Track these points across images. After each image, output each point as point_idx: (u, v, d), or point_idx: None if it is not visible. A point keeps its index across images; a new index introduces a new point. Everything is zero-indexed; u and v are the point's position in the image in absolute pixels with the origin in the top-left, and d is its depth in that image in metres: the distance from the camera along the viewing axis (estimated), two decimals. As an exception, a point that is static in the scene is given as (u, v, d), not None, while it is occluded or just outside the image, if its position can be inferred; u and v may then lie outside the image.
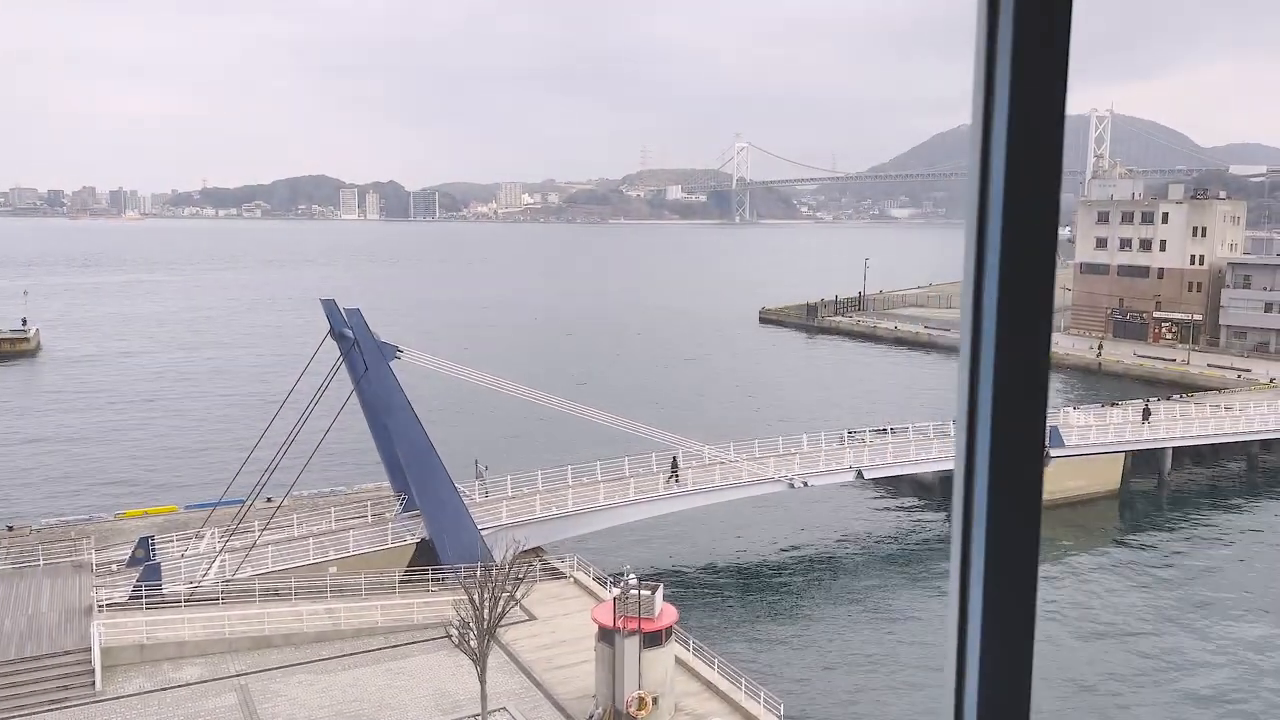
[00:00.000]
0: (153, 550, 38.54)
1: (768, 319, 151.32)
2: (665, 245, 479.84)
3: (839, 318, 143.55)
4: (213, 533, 40.45)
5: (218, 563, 37.91)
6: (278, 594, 36.91)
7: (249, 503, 40.15)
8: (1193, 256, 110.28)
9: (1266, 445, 67.58)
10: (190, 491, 55.04)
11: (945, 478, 59.05)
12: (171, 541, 40.43)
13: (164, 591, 36.21)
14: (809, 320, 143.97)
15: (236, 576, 37.40)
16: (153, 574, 36.49)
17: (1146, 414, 64.44)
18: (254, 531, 39.59)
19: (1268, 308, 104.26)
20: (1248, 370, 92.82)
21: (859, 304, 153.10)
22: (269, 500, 42.17)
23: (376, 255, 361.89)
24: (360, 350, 40.11)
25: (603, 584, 38.29)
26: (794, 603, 43.21)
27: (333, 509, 43.91)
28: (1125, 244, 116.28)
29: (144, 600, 35.26)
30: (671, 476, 48.00)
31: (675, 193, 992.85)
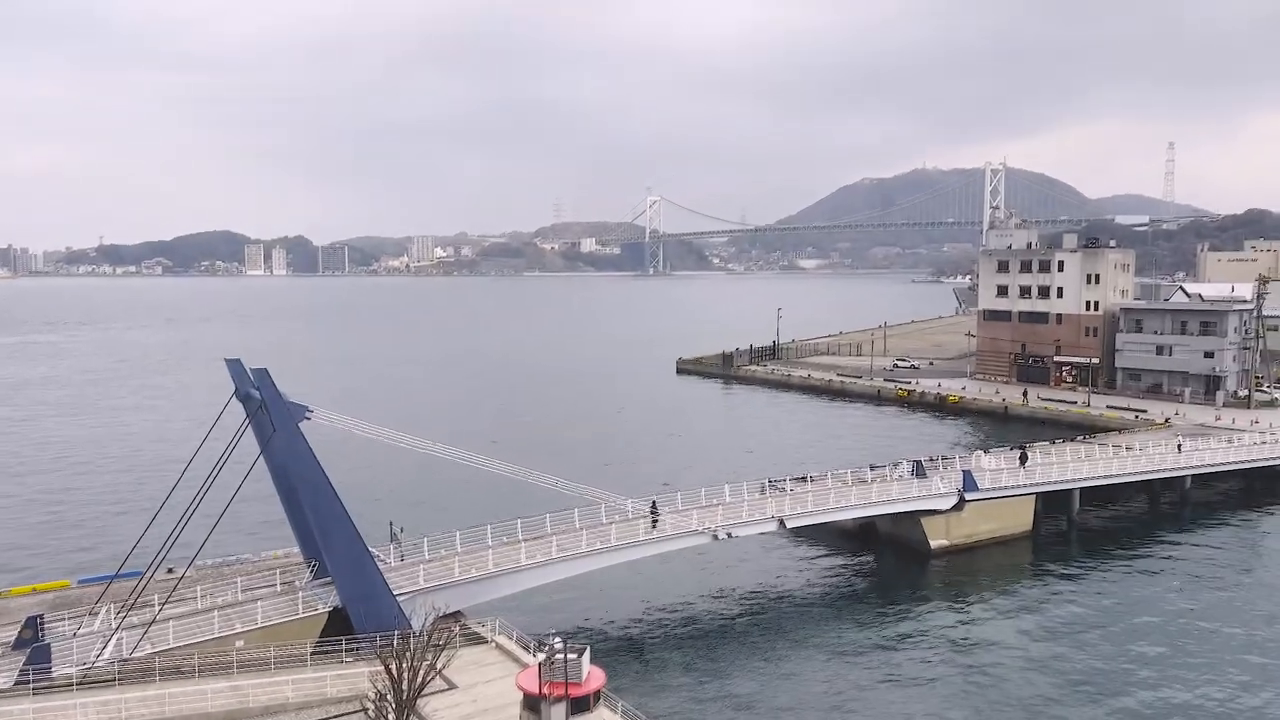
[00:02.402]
0: (41, 630, 36.00)
1: (685, 369, 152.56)
2: (580, 297, 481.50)
3: (754, 366, 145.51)
4: (108, 608, 38.05)
5: (114, 641, 35.58)
6: (180, 672, 34.75)
7: (148, 575, 37.92)
8: (1088, 302, 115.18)
9: (1166, 482, 70.18)
10: (84, 565, 52.06)
11: (866, 525, 59.59)
12: (63, 620, 37.86)
13: (53, 675, 33.76)
14: (726, 369, 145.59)
15: (134, 655, 35.13)
16: (41, 656, 34.02)
17: (1023, 458, 66.02)
18: (154, 605, 37.33)
19: (1159, 350, 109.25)
20: (1144, 410, 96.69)
21: (774, 352, 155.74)
22: (170, 571, 40.02)
23: (282, 311, 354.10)
24: (268, 411, 38.57)
25: (527, 648, 37.14)
26: (725, 657, 42.60)
27: (239, 578, 41.83)
28: (1025, 292, 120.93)
29: (31, 685, 32.80)
30: (652, 521, 47.98)
31: (589, 245, 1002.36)
